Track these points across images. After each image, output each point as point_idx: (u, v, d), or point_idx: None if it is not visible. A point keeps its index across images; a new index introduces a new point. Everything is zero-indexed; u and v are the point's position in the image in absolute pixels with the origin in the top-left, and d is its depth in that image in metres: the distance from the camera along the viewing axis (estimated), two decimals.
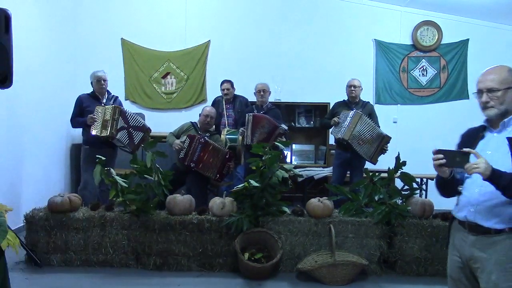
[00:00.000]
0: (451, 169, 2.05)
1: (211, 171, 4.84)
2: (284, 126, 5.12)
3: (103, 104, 4.87)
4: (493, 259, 1.96)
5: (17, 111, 4.84)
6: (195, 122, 5.16)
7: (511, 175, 1.88)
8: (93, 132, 4.72)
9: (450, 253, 2.19)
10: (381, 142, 4.99)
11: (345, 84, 5.41)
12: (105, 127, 4.68)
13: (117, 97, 5.16)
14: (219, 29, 6.68)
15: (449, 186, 2.13)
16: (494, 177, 1.89)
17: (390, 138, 5.05)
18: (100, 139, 4.73)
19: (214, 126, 5.32)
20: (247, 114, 5.06)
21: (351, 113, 4.98)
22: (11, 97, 4.49)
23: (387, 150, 5.03)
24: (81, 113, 4.89)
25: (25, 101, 4.93)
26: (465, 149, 1.98)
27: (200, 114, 5.21)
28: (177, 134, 5.05)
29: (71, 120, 5.00)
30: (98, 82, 4.92)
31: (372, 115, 5.21)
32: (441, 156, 1.99)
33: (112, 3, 6.68)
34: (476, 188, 2.02)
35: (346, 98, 5.34)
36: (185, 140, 4.80)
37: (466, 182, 2.08)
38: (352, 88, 5.22)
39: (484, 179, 1.90)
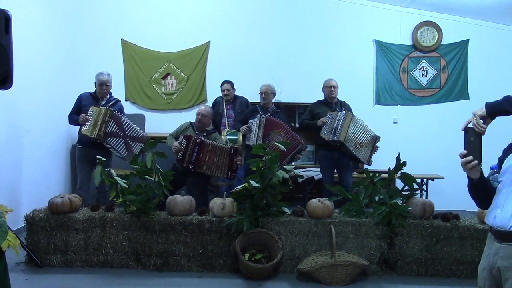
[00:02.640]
0: (479, 168, 1.92)
1: (220, 170, 4.80)
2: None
3: (100, 106, 4.87)
4: None
5: (17, 112, 4.84)
6: (193, 122, 5.15)
7: (502, 99, 1.86)
8: (83, 132, 4.72)
9: (480, 262, 2.08)
10: (374, 143, 5.05)
11: (345, 84, 5.42)
12: (95, 128, 4.68)
13: (118, 100, 5.14)
14: (219, 29, 6.68)
15: (483, 189, 1.99)
16: (493, 107, 1.86)
17: (380, 137, 5.09)
18: (91, 139, 4.73)
19: (211, 125, 5.29)
20: (259, 115, 5.02)
21: (341, 114, 4.97)
22: (11, 98, 4.49)
23: (378, 148, 5.10)
24: (79, 110, 4.89)
25: (25, 102, 4.93)
26: (462, 128, 1.95)
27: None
28: (176, 135, 5.05)
29: (69, 116, 5.03)
30: (100, 85, 4.92)
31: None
32: (470, 158, 1.88)
33: (113, 4, 6.68)
34: (504, 189, 1.92)
35: (323, 98, 5.36)
36: (182, 140, 4.79)
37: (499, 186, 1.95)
38: (332, 89, 5.22)
39: (489, 116, 1.89)
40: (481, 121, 1.94)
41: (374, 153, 5.08)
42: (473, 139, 1.89)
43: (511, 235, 1.86)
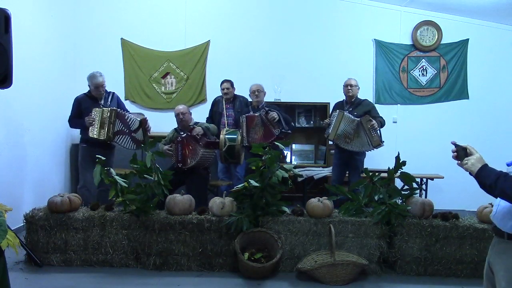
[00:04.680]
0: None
1: (197, 152, 4.80)
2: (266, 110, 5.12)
3: (101, 105, 4.87)
4: (504, 265, 1.91)
5: (17, 111, 4.84)
6: (176, 127, 5.18)
7: (497, 176, 1.85)
8: (90, 135, 4.73)
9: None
10: (363, 126, 4.94)
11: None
12: (102, 129, 4.70)
13: (113, 93, 5.12)
14: (219, 29, 6.67)
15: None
16: (481, 175, 1.89)
17: (366, 115, 4.98)
18: (99, 140, 4.74)
19: (193, 120, 5.27)
20: (240, 117, 5.15)
21: (335, 113, 5.08)
22: (11, 97, 4.49)
23: (375, 124, 4.93)
24: (80, 114, 4.88)
25: (25, 101, 4.93)
26: (463, 145, 2.00)
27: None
28: (166, 144, 5.07)
29: (70, 120, 5.02)
30: (97, 88, 4.89)
31: (371, 110, 5.18)
32: (454, 149, 2.03)
33: (112, 3, 6.68)
34: None
35: (344, 98, 5.37)
36: (171, 145, 4.91)
37: None
38: (349, 88, 5.24)
39: (473, 176, 1.92)
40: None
41: (373, 133, 4.91)
42: (461, 154, 2.03)
43: (503, 234, 1.95)
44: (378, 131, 4.99)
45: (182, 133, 4.98)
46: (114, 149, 5.07)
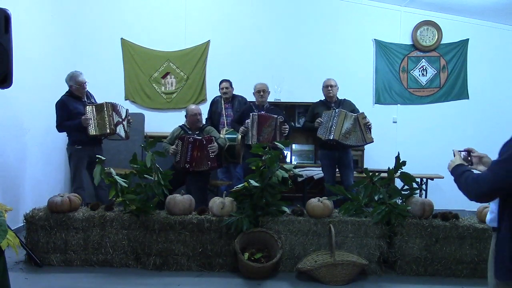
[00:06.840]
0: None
1: (203, 163, 4.83)
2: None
3: (87, 103, 4.86)
4: (490, 258, 2.03)
5: (17, 111, 4.84)
6: (183, 124, 5.16)
7: (461, 173, 2.00)
8: (92, 133, 4.70)
9: None
10: (359, 122, 4.97)
11: (345, 84, 5.42)
12: (101, 125, 4.71)
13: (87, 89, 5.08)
14: (219, 29, 6.67)
15: None
16: (452, 174, 2.08)
17: (363, 112, 5.05)
18: (95, 137, 4.74)
19: (204, 120, 5.32)
20: (251, 114, 5.05)
21: (334, 112, 4.98)
22: (11, 97, 4.49)
23: (370, 123, 5.01)
24: (69, 116, 4.78)
25: (25, 101, 4.93)
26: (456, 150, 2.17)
27: (186, 116, 5.19)
28: (171, 142, 5.03)
29: (60, 125, 4.81)
30: (81, 86, 4.85)
31: (355, 110, 5.21)
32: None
33: (112, 3, 6.67)
34: None
35: (323, 98, 5.36)
36: (177, 143, 4.85)
37: None
38: (329, 88, 5.23)
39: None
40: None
41: (368, 131, 4.99)
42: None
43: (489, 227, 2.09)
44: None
45: (196, 134, 4.94)
46: (102, 147, 5.07)
